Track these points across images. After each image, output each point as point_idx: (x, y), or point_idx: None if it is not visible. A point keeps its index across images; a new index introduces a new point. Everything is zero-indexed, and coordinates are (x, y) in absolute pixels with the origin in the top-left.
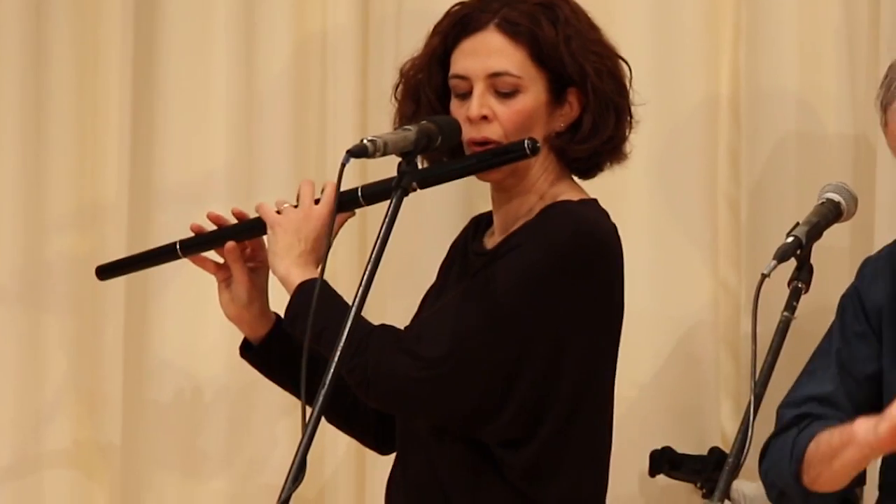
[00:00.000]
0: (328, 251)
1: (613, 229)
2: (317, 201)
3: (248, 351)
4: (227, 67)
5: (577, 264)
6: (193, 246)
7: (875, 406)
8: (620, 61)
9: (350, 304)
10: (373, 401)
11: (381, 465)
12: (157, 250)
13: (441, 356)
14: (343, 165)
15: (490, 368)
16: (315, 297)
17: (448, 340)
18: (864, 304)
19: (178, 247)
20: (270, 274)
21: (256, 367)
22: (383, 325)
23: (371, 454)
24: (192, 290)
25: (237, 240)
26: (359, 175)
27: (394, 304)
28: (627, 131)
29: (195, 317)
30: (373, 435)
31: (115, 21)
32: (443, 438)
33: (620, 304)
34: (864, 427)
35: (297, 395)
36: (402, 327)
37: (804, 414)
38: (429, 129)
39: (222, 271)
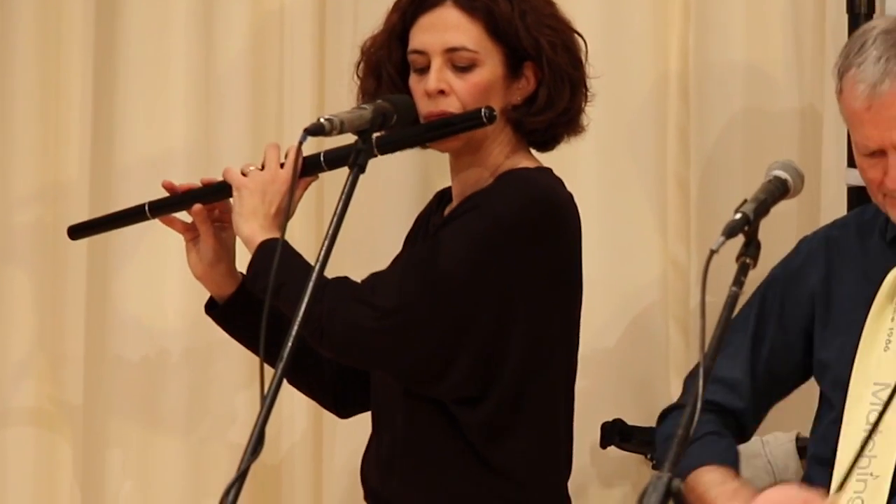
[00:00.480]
0: (290, 213)
1: (570, 197)
2: (281, 166)
3: (213, 309)
4: (186, 46)
5: (529, 228)
6: (162, 207)
7: (771, 389)
8: (575, 35)
9: (310, 263)
10: (327, 350)
11: (340, 436)
12: (126, 211)
13: (394, 307)
14: (300, 143)
15: (440, 323)
16: (277, 256)
17: (402, 293)
18: (797, 285)
19: (146, 208)
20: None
21: (220, 324)
22: (338, 277)
23: (329, 426)
24: (153, 253)
25: (204, 202)
26: (316, 149)
27: (351, 275)
28: (583, 104)
29: (156, 279)
30: (332, 397)
31: (77, 1)
32: (409, 407)
33: (576, 270)
34: None
35: (262, 355)
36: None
37: (707, 404)
38: (384, 107)
39: (190, 231)
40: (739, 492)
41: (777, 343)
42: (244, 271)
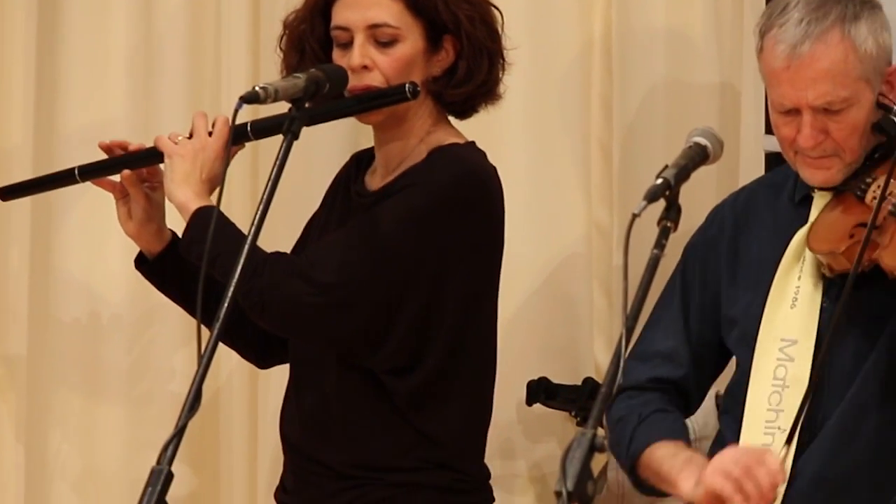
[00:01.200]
0: (223, 180)
1: (494, 171)
2: (210, 134)
3: (143, 264)
4: (125, 17)
5: (460, 205)
6: (91, 172)
7: (709, 352)
8: (492, 8)
9: (244, 233)
10: (266, 323)
11: (274, 394)
12: (57, 174)
13: (332, 283)
14: (236, 111)
15: (376, 297)
16: (212, 225)
17: (340, 269)
18: (709, 253)
19: (76, 172)
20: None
21: (150, 280)
22: (277, 252)
23: (263, 385)
24: (95, 214)
25: (133, 168)
26: (250, 118)
27: (284, 237)
28: (500, 74)
29: (98, 240)
30: (254, 352)
31: None
32: (338, 369)
33: (501, 242)
34: (685, 482)
35: (188, 310)
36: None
37: (647, 382)
38: (317, 76)
39: (119, 190)
40: (691, 461)
41: (703, 308)
42: (173, 229)
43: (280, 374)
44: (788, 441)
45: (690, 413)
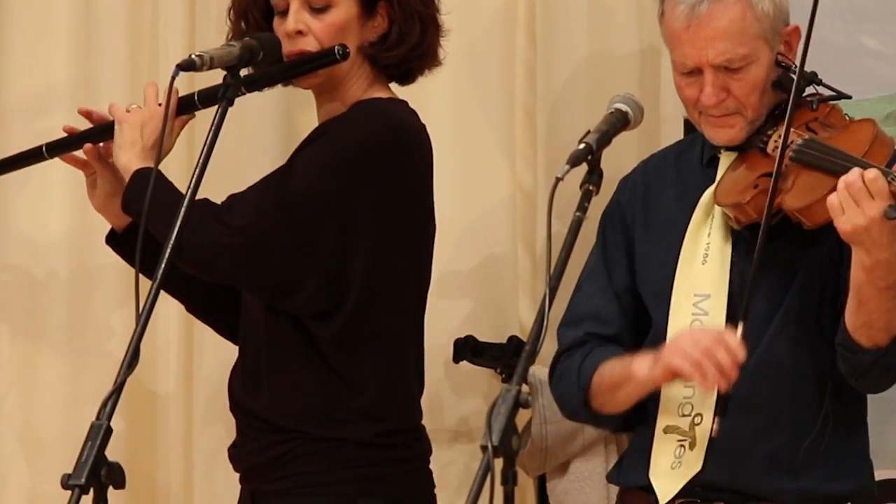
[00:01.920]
0: (169, 147)
1: (421, 127)
2: (160, 104)
3: (113, 239)
4: None
5: (376, 153)
6: (57, 148)
7: (634, 309)
8: None
9: (180, 191)
10: (187, 265)
11: (208, 351)
12: (26, 153)
13: (247, 224)
14: (173, 78)
15: (290, 239)
16: (151, 183)
17: (255, 212)
18: (624, 215)
19: (44, 149)
20: None
21: (119, 253)
22: (201, 199)
23: (199, 343)
24: (41, 178)
25: (94, 141)
26: (188, 87)
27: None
28: (436, 39)
29: (43, 203)
30: (224, 326)
31: None
32: (266, 318)
33: (426, 196)
34: (641, 367)
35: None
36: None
37: (583, 337)
38: (251, 44)
39: (87, 167)
40: (643, 356)
41: (623, 266)
42: None
43: (214, 340)
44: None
45: None
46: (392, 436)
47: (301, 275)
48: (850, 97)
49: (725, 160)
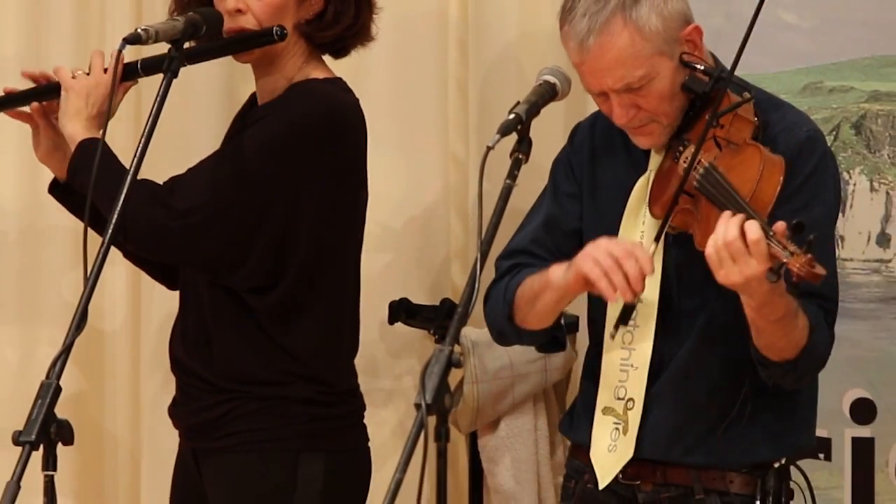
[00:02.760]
0: (112, 113)
1: (354, 103)
2: (105, 71)
3: (55, 189)
4: None
5: (313, 132)
6: (2, 104)
7: (573, 246)
8: None
9: (123, 164)
10: (131, 245)
11: (155, 312)
12: None
13: (190, 208)
14: (120, 51)
15: (231, 221)
16: (98, 156)
17: (198, 195)
18: (573, 166)
19: None
20: None
21: (62, 202)
22: (141, 180)
23: (146, 304)
24: None
25: (38, 101)
26: (134, 57)
27: (166, 174)
28: (370, 17)
29: None
30: (160, 274)
31: None
32: (209, 289)
33: (358, 171)
34: (556, 273)
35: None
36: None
37: (515, 264)
38: (194, 19)
39: (32, 120)
40: (558, 264)
41: (568, 202)
42: None
43: (159, 302)
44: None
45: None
46: (331, 394)
47: (242, 254)
48: (750, 99)
49: (656, 154)
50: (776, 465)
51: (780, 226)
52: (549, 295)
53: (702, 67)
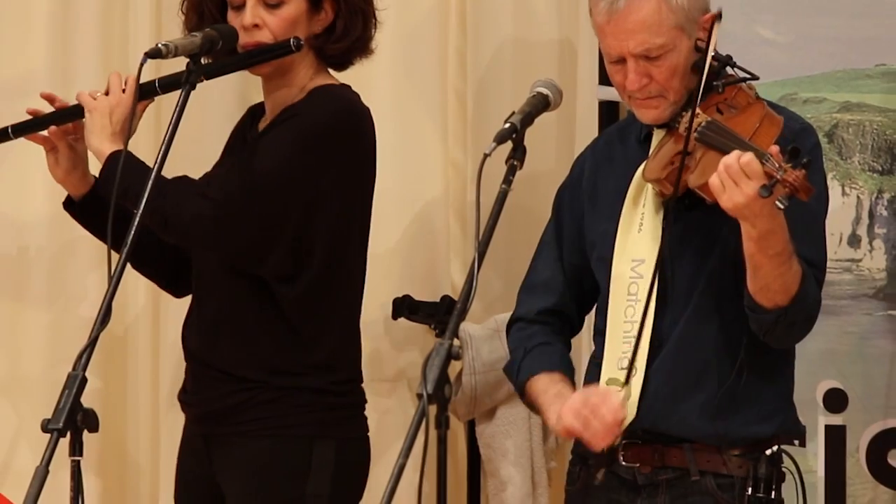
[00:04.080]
0: (133, 129)
1: (367, 110)
2: (124, 91)
3: (71, 206)
4: None
5: (335, 133)
6: (23, 129)
7: (581, 280)
8: None
9: (149, 168)
10: (171, 236)
11: (173, 310)
12: None
13: (226, 198)
14: (142, 64)
15: (265, 210)
16: (121, 162)
17: (233, 188)
18: (575, 192)
19: (9, 130)
20: None
21: (77, 218)
22: (178, 177)
23: (165, 302)
24: (20, 161)
25: (59, 124)
26: (155, 72)
27: (185, 173)
28: (373, 31)
29: (24, 183)
30: (167, 280)
31: None
32: (229, 280)
33: (371, 171)
34: (550, 416)
35: (111, 246)
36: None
37: (534, 316)
38: (211, 35)
39: (48, 143)
40: (559, 396)
41: (573, 238)
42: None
43: (177, 302)
44: (636, 347)
45: (575, 333)
46: (342, 384)
47: (272, 243)
48: (757, 78)
49: (657, 136)
50: (768, 451)
51: (774, 148)
52: (547, 424)
53: (713, 53)
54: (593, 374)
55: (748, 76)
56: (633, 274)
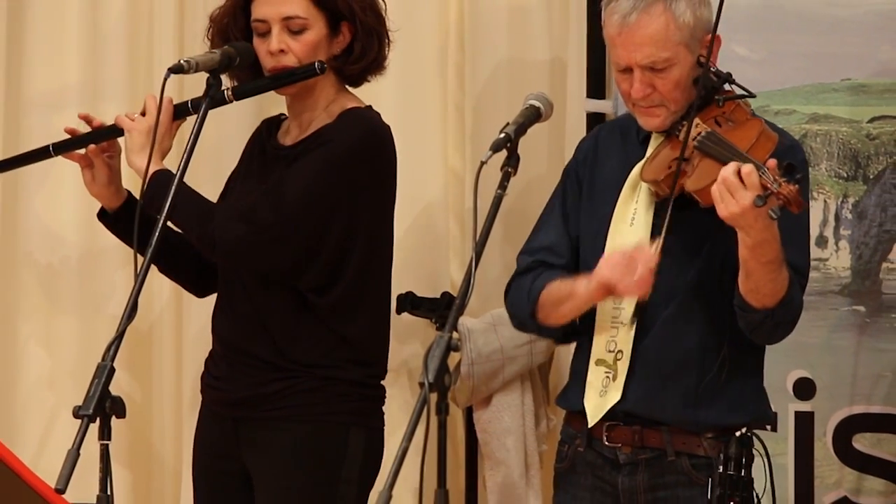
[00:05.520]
0: (168, 148)
1: (389, 128)
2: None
3: (104, 217)
4: (78, 5)
5: (367, 154)
6: (62, 147)
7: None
8: None
9: (191, 188)
10: (219, 258)
11: (195, 306)
12: (35, 151)
13: (270, 223)
14: (165, 79)
15: (305, 231)
16: (176, 183)
17: (275, 211)
18: (578, 172)
19: (50, 148)
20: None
21: (110, 229)
22: (223, 203)
23: (187, 299)
24: (56, 175)
25: (97, 142)
26: (178, 86)
27: (206, 187)
28: (387, 51)
29: (58, 194)
30: (192, 283)
31: None
32: (263, 289)
33: (395, 185)
34: (580, 284)
35: (137, 250)
36: (210, 200)
37: (537, 262)
38: (229, 52)
39: (84, 160)
40: (579, 280)
41: (577, 210)
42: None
43: (198, 300)
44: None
45: None
46: (375, 378)
47: (309, 262)
48: (754, 96)
49: (655, 140)
50: (738, 433)
51: (771, 162)
52: (573, 302)
53: (714, 70)
54: (583, 354)
55: (745, 94)
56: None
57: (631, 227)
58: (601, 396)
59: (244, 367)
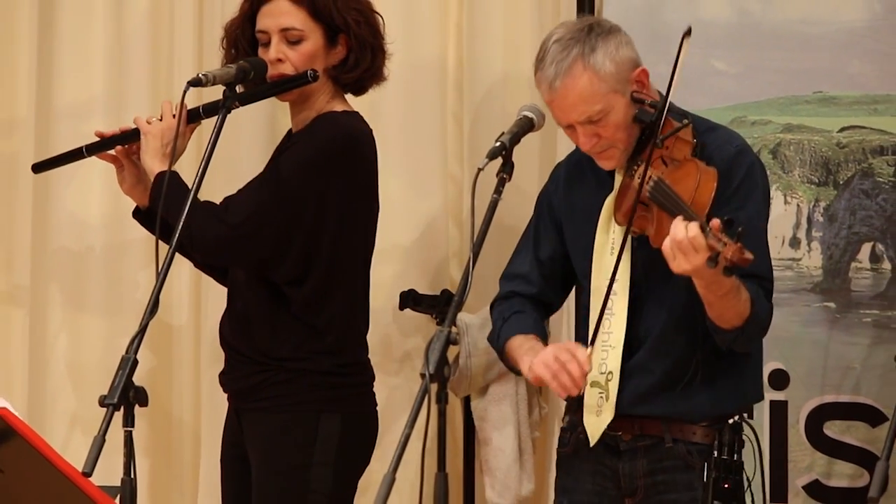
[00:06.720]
0: (182, 150)
1: (368, 132)
2: (174, 116)
3: (138, 214)
4: (104, 20)
5: (333, 158)
6: (94, 148)
7: (558, 273)
8: (375, 14)
9: (188, 188)
10: (196, 253)
11: (212, 303)
12: (70, 152)
13: (240, 221)
14: (185, 92)
15: (274, 228)
16: (165, 182)
17: (246, 210)
18: (552, 203)
19: (84, 149)
20: None
21: (143, 225)
22: (204, 201)
23: (206, 296)
24: (83, 172)
25: (122, 144)
26: (196, 98)
27: (221, 189)
28: (383, 62)
29: (86, 192)
30: (219, 275)
31: None
32: (250, 285)
33: (370, 185)
34: (524, 364)
35: (164, 240)
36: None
37: (511, 292)
38: (244, 66)
39: (117, 161)
40: (532, 350)
41: (550, 239)
42: None
43: (215, 296)
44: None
45: (553, 312)
46: (345, 367)
47: (283, 253)
48: (687, 125)
49: (619, 173)
50: (731, 421)
51: (715, 222)
52: (523, 371)
53: (648, 102)
54: None
55: (681, 119)
56: (609, 290)
57: (612, 255)
58: (597, 416)
59: (237, 363)
